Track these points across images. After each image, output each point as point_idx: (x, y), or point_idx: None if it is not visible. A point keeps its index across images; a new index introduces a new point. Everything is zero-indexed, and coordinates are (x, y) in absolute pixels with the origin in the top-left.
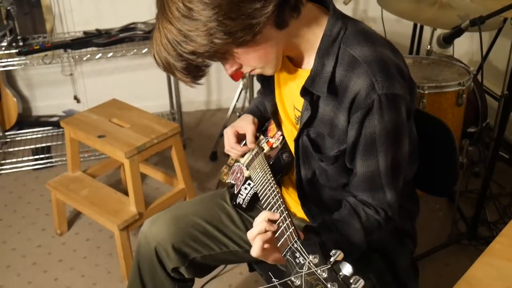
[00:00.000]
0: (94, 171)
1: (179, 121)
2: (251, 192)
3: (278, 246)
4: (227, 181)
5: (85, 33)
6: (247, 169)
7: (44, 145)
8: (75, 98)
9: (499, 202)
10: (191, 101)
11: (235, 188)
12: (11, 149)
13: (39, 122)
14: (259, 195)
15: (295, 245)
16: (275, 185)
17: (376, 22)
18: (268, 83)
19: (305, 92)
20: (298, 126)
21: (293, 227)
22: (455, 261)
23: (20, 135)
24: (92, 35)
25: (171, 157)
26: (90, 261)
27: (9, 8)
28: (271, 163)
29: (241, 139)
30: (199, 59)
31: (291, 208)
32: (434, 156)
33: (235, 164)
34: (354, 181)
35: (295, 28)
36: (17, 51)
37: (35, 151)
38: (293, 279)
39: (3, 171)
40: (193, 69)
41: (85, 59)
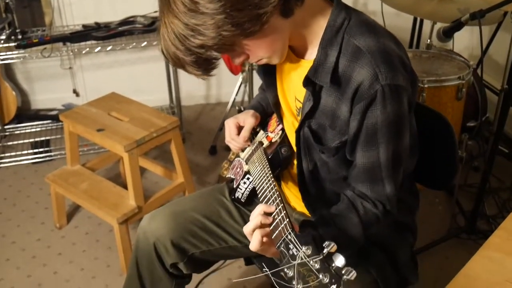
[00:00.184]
0: (93, 165)
1: (178, 115)
2: (250, 186)
3: (272, 238)
4: (227, 176)
5: (84, 26)
6: (247, 164)
7: (43, 138)
8: (74, 91)
9: (498, 196)
10: (191, 95)
11: (234, 182)
12: (10, 143)
13: (38, 115)
14: (257, 189)
15: (289, 236)
16: (273, 179)
17: (376, 15)
18: (269, 74)
19: (308, 82)
20: (299, 117)
21: (287, 219)
22: (454, 255)
23: (19, 129)
24: (91, 29)
25: (170, 151)
26: (89, 254)
27: (8, 1)
28: (269, 157)
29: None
30: (208, 52)
31: (290, 202)
32: (433, 150)
33: (236, 159)
34: (353, 172)
35: (300, 17)
36: (16, 44)
37: (34, 145)
38: (286, 270)
39: (2, 165)
40: (203, 62)
41: (84, 53)
